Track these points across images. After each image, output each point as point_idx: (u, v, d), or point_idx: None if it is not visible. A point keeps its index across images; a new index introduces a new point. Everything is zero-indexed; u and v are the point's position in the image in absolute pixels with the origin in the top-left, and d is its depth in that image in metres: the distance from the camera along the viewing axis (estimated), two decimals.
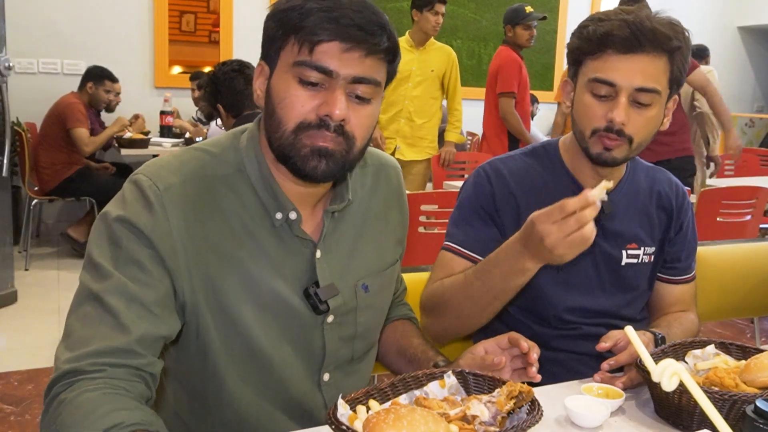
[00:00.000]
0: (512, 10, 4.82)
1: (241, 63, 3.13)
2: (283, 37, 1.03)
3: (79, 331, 0.98)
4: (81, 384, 0.93)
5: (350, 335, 1.21)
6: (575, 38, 1.40)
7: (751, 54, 8.46)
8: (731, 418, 1.08)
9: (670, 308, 1.59)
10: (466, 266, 1.46)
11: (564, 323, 1.49)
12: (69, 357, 0.95)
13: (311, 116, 1.03)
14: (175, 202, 1.03)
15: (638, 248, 1.52)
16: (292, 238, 1.12)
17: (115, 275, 0.99)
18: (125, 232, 1.01)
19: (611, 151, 1.37)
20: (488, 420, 1.00)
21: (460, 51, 6.95)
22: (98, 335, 0.96)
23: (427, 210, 3.18)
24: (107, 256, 1.01)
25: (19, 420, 2.76)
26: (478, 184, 1.50)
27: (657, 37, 1.31)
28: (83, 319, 0.99)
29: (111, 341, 0.96)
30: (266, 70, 1.08)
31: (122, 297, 0.98)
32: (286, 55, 1.04)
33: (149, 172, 1.06)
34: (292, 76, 1.03)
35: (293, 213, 1.11)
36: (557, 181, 1.49)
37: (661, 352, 1.30)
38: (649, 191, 1.55)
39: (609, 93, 1.34)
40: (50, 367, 3.49)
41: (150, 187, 1.03)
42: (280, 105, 1.04)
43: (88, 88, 4.96)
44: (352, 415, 1.01)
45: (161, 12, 5.72)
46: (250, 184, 1.10)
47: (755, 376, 1.17)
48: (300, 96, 1.02)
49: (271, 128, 1.06)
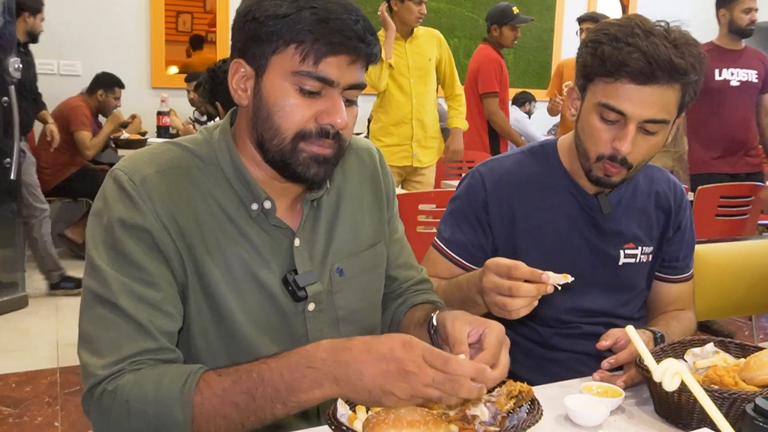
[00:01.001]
0: (500, 9, 4.78)
1: None
2: (277, 43, 1.03)
3: (102, 336, 1.00)
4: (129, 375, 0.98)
5: (333, 320, 1.21)
6: (588, 54, 1.34)
7: None
8: (731, 417, 1.08)
9: (668, 307, 1.60)
10: (448, 267, 1.49)
11: (562, 323, 1.49)
12: (105, 363, 0.98)
13: (311, 125, 1.05)
14: (153, 192, 1.05)
15: (636, 248, 1.52)
16: (270, 227, 1.13)
17: (119, 279, 1.01)
18: (119, 233, 1.03)
19: (611, 177, 1.38)
20: (488, 420, 1.00)
21: (458, 50, 6.94)
22: (124, 339, 1.00)
23: (425, 209, 3.18)
24: (107, 260, 1.03)
25: (18, 422, 2.76)
26: (471, 187, 1.51)
27: (673, 70, 1.27)
28: (101, 323, 1.01)
29: (141, 344, 1.00)
30: (248, 70, 1.07)
31: (131, 298, 1.01)
32: (283, 61, 1.03)
33: (125, 166, 1.08)
34: (290, 84, 1.04)
35: (267, 202, 1.12)
36: (555, 183, 1.49)
37: (660, 350, 1.30)
38: (647, 191, 1.55)
39: (618, 119, 1.32)
40: (49, 368, 3.47)
41: (127, 181, 1.05)
42: (279, 113, 1.05)
43: (99, 95, 5.00)
44: (352, 415, 1.01)
45: (157, 12, 5.71)
46: (224, 177, 1.11)
47: (755, 374, 1.17)
48: (300, 105, 1.04)
49: (265, 133, 1.07)
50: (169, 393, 0.96)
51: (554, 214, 1.48)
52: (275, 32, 1.02)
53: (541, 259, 1.43)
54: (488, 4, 7.00)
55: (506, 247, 1.48)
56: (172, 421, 0.95)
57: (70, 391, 3.02)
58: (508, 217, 1.47)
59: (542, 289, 1.12)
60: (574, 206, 1.49)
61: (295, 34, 1.01)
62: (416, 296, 1.36)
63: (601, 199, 1.48)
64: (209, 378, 0.97)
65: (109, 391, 0.97)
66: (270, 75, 1.05)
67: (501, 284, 1.14)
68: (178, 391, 0.96)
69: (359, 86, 1.07)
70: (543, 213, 1.48)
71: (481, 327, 1.08)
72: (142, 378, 0.97)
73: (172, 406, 0.95)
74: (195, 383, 0.96)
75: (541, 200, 1.48)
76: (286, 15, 1.01)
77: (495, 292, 1.16)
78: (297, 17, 1.01)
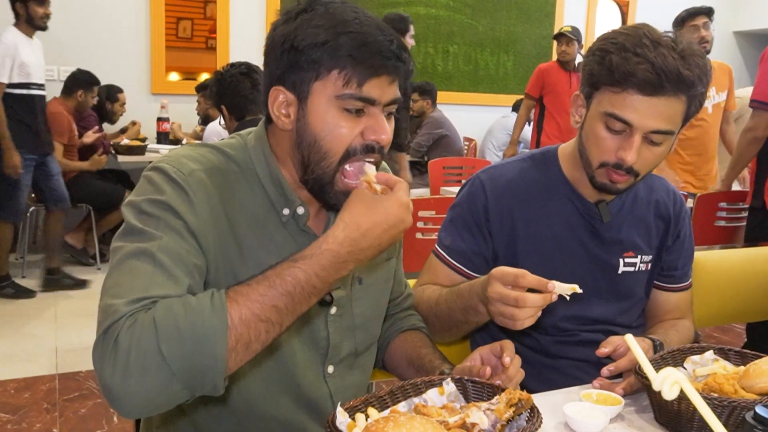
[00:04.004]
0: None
1: (249, 66, 3.10)
2: (318, 70, 1.06)
3: (130, 282, 0.95)
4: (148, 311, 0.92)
5: (350, 326, 1.24)
6: (595, 63, 1.33)
7: (746, 59, 8.47)
8: (730, 425, 1.08)
9: (666, 315, 1.60)
10: (449, 275, 1.49)
11: (562, 331, 1.49)
12: (128, 300, 0.92)
13: (357, 141, 1.08)
14: (199, 187, 1.06)
15: (635, 256, 1.52)
16: (298, 233, 1.16)
17: (163, 237, 1.00)
18: (160, 209, 1.02)
19: (616, 184, 1.38)
20: (487, 428, 1.00)
21: (457, 56, 6.97)
22: (154, 285, 0.95)
23: (424, 216, 3.18)
24: (150, 223, 1.01)
25: (16, 428, 2.75)
26: (472, 194, 1.51)
27: (681, 82, 1.26)
28: (132, 273, 0.96)
29: (169, 290, 0.96)
30: (289, 96, 1.09)
31: (169, 255, 0.98)
32: (326, 87, 1.06)
33: (170, 161, 1.08)
34: (335, 108, 1.07)
35: (301, 208, 1.15)
36: (555, 190, 1.49)
37: (660, 358, 1.30)
38: (647, 199, 1.55)
39: (623, 129, 1.32)
40: (47, 374, 3.47)
41: (175, 172, 1.06)
42: (327, 138, 1.08)
43: (78, 96, 4.93)
44: (351, 423, 1.01)
45: (158, 18, 5.73)
46: (259, 182, 1.14)
47: (754, 381, 1.17)
48: (345, 126, 1.08)
49: (312, 156, 1.09)
50: (198, 304, 0.92)
51: (554, 222, 1.48)
52: (316, 60, 1.05)
53: (541, 266, 1.43)
54: (487, 11, 7.03)
55: (506, 254, 1.48)
56: (208, 330, 0.90)
57: (68, 398, 3.02)
58: (508, 224, 1.47)
59: (548, 299, 1.13)
60: (575, 214, 1.49)
61: (336, 60, 1.04)
62: (403, 320, 1.43)
63: (601, 207, 1.48)
64: (239, 289, 0.96)
65: (129, 325, 0.89)
66: (314, 101, 1.07)
67: (507, 294, 1.15)
68: (209, 301, 0.93)
69: (398, 101, 1.12)
70: (543, 220, 1.48)
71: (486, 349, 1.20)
72: (166, 302, 0.93)
73: (203, 314, 0.91)
74: (224, 294, 0.95)
75: (541, 208, 1.48)
76: (326, 42, 1.04)
77: (501, 302, 1.16)
78: (336, 44, 1.04)
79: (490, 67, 7.17)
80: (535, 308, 1.14)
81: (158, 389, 0.89)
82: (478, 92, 7.15)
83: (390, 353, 1.40)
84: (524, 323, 1.15)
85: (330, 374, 1.22)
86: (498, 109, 6.91)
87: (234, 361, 0.94)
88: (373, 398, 1.09)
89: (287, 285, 0.97)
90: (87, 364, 3.32)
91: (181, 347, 0.89)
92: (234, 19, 5.96)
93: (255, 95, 3.02)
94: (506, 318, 1.16)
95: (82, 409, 2.93)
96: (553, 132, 5.32)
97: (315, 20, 1.05)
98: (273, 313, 0.96)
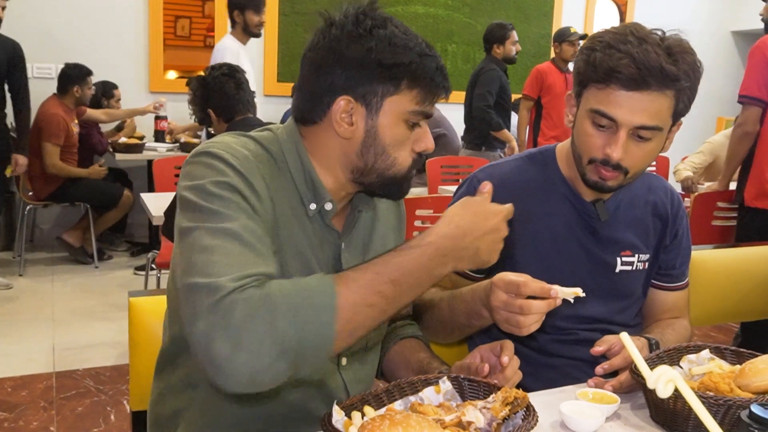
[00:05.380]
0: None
1: (231, 67, 3.10)
2: (399, 86, 1.10)
3: (222, 260, 0.94)
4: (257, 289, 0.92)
5: None
6: (582, 61, 1.35)
7: (745, 58, 8.47)
8: (726, 423, 1.08)
9: (663, 315, 1.60)
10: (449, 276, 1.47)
11: (559, 329, 1.49)
12: (232, 277, 0.91)
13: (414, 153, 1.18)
14: (252, 170, 1.08)
15: (633, 255, 1.52)
16: (323, 227, 1.18)
17: (240, 217, 1.00)
18: (228, 191, 1.02)
19: (606, 182, 1.38)
20: (483, 426, 1.00)
21: (456, 55, 6.97)
22: (248, 263, 0.95)
23: (422, 215, 3.18)
24: (220, 205, 1.01)
25: (13, 426, 2.75)
26: (470, 194, 1.50)
27: (664, 76, 1.27)
28: (219, 251, 0.95)
29: (264, 269, 0.96)
30: (358, 107, 1.11)
31: (253, 234, 0.99)
32: (401, 102, 1.11)
33: (221, 146, 1.09)
34: (403, 122, 1.13)
35: (329, 204, 1.17)
36: (553, 189, 1.50)
37: (656, 357, 1.30)
38: (644, 199, 1.55)
39: (609, 125, 1.33)
40: (44, 373, 3.47)
41: (231, 156, 1.07)
42: (397, 147, 1.14)
43: (75, 92, 4.89)
44: (347, 421, 1.01)
45: (156, 16, 5.72)
46: (290, 174, 1.16)
47: (750, 380, 1.17)
48: (409, 138, 1.16)
49: (378, 164, 1.15)
50: (307, 284, 0.96)
51: (552, 221, 1.48)
52: (397, 77, 1.10)
53: (539, 265, 1.44)
54: (485, 10, 7.03)
55: (504, 253, 1.48)
56: (321, 311, 0.93)
57: (65, 396, 3.02)
58: None
59: (552, 305, 1.15)
60: (572, 213, 1.49)
61: (418, 81, 1.11)
62: (402, 329, 1.43)
63: (598, 206, 1.48)
64: (347, 274, 0.99)
65: (242, 298, 0.89)
66: (386, 114, 1.12)
67: (512, 303, 1.17)
68: (320, 284, 0.96)
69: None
70: (541, 219, 1.48)
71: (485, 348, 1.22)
72: (278, 282, 0.95)
73: (317, 295, 0.94)
74: (333, 279, 0.97)
75: (539, 206, 1.48)
76: (411, 63, 1.09)
77: (505, 311, 1.18)
78: (422, 64, 1.10)
79: None
80: (539, 314, 1.15)
81: (267, 365, 0.89)
82: None
83: (389, 360, 1.40)
84: (530, 329, 1.16)
85: (343, 366, 1.24)
86: None
87: (340, 344, 0.96)
88: (370, 396, 1.09)
89: (393, 273, 1.00)
90: (84, 363, 3.32)
91: (295, 325, 0.90)
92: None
93: (241, 95, 3.01)
94: (512, 325, 1.18)
95: (79, 408, 2.93)
96: (550, 133, 5.32)
97: (396, 39, 1.09)
98: (379, 299, 0.99)
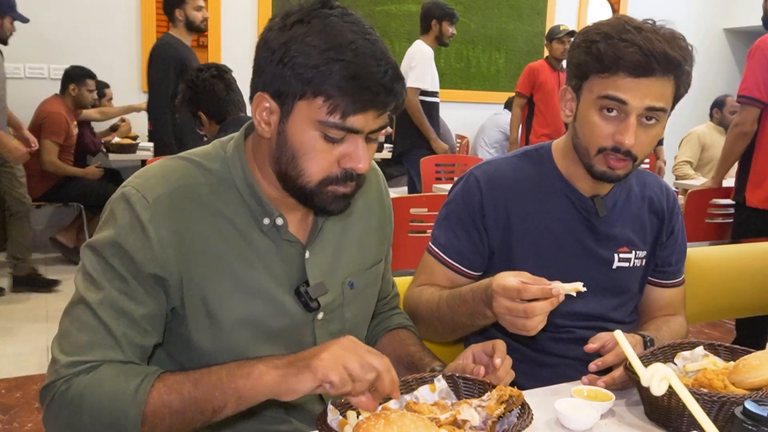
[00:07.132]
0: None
1: (219, 68, 3.03)
2: (304, 90, 1.01)
3: (74, 336, 1.04)
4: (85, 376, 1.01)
5: (339, 330, 1.23)
6: (582, 53, 1.36)
7: (737, 56, 8.50)
8: (720, 420, 1.09)
9: (659, 312, 1.60)
10: (446, 274, 1.49)
11: (556, 327, 1.49)
12: (67, 362, 1.01)
13: (335, 169, 1.07)
14: (165, 213, 1.06)
15: (630, 252, 1.52)
16: (281, 241, 1.15)
17: (106, 288, 1.04)
18: (115, 254, 1.05)
19: (615, 170, 1.38)
20: (478, 424, 1.01)
21: (449, 53, 6.97)
22: (94, 345, 1.03)
23: (416, 213, 3.18)
24: (99, 270, 1.06)
25: (7, 428, 2.74)
26: (467, 190, 1.50)
27: (668, 62, 1.29)
28: (77, 324, 1.04)
29: (108, 353, 1.03)
30: (273, 106, 1.05)
31: (112, 310, 1.04)
32: (309, 109, 1.02)
33: (138, 184, 1.09)
34: (316, 131, 1.03)
35: (279, 219, 1.14)
36: (550, 185, 1.49)
37: (650, 354, 1.30)
38: (640, 195, 1.56)
39: (619, 111, 1.33)
40: (39, 374, 3.45)
41: (139, 200, 1.06)
42: (305, 157, 1.05)
43: (71, 91, 4.90)
44: (342, 420, 1.01)
45: (149, 16, 5.70)
46: (237, 191, 1.13)
47: (744, 377, 1.17)
48: (325, 151, 1.05)
49: (290, 171, 1.08)
50: (125, 387, 0.99)
51: (550, 217, 1.48)
52: (304, 81, 1.00)
53: (537, 262, 1.44)
54: (479, 8, 7.03)
55: (501, 250, 1.48)
56: (123, 415, 0.98)
57: None
58: (503, 219, 1.47)
59: (555, 303, 1.16)
60: (570, 209, 1.49)
61: (324, 88, 0.99)
62: (390, 319, 1.43)
63: (597, 201, 1.48)
64: (165, 376, 1.02)
65: (63, 390, 1.00)
66: (295, 119, 1.04)
67: (515, 308, 1.17)
68: (134, 387, 0.99)
69: (384, 127, 1.09)
70: (538, 216, 1.48)
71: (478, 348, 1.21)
72: (99, 374, 1.01)
73: (125, 399, 0.98)
74: (151, 382, 1.00)
75: (536, 203, 1.48)
76: (316, 66, 0.99)
77: (510, 315, 1.18)
78: (327, 70, 0.98)
79: (481, 65, 7.17)
80: (544, 314, 1.16)
81: None
82: (469, 90, 7.15)
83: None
84: (537, 329, 1.18)
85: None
86: (490, 106, 6.91)
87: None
88: None
89: (197, 373, 1.01)
90: None
91: (99, 424, 0.99)
92: (225, 17, 5.94)
93: (231, 96, 2.95)
94: (518, 329, 1.19)
95: None
96: (543, 131, 5.32)
97: (310, 37, 0.99)
98: (176, 399, 1.00)
